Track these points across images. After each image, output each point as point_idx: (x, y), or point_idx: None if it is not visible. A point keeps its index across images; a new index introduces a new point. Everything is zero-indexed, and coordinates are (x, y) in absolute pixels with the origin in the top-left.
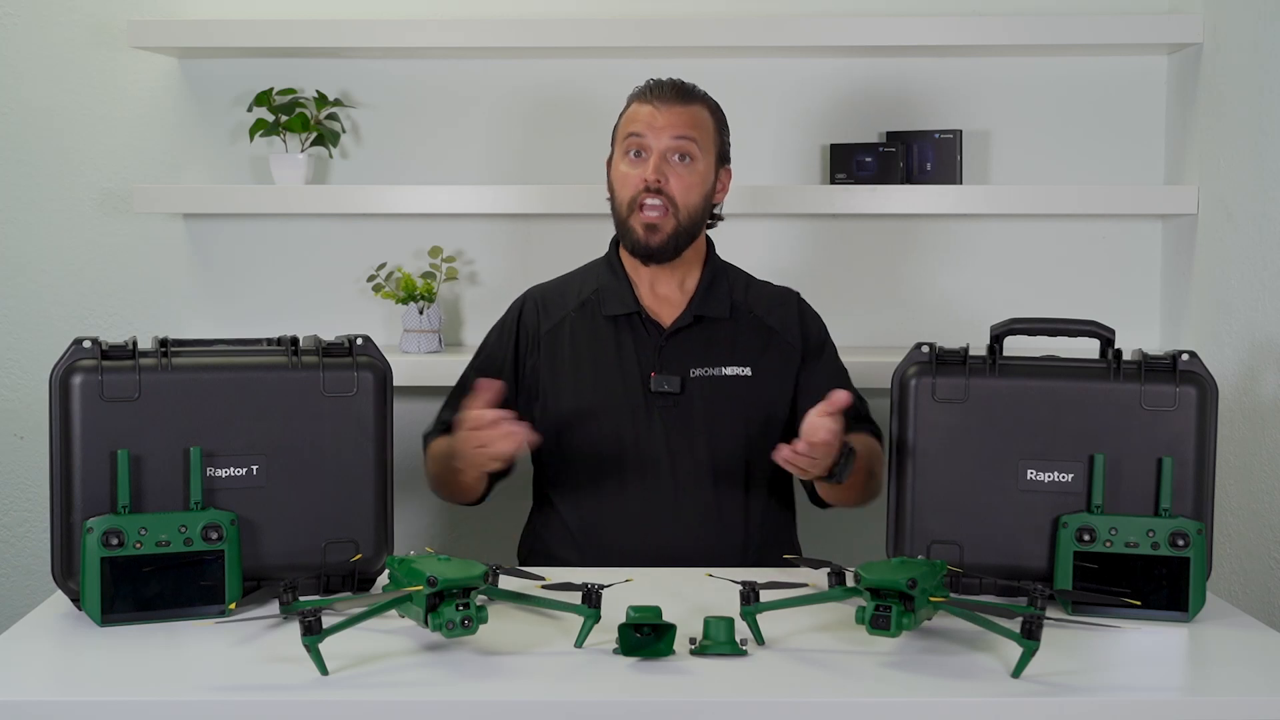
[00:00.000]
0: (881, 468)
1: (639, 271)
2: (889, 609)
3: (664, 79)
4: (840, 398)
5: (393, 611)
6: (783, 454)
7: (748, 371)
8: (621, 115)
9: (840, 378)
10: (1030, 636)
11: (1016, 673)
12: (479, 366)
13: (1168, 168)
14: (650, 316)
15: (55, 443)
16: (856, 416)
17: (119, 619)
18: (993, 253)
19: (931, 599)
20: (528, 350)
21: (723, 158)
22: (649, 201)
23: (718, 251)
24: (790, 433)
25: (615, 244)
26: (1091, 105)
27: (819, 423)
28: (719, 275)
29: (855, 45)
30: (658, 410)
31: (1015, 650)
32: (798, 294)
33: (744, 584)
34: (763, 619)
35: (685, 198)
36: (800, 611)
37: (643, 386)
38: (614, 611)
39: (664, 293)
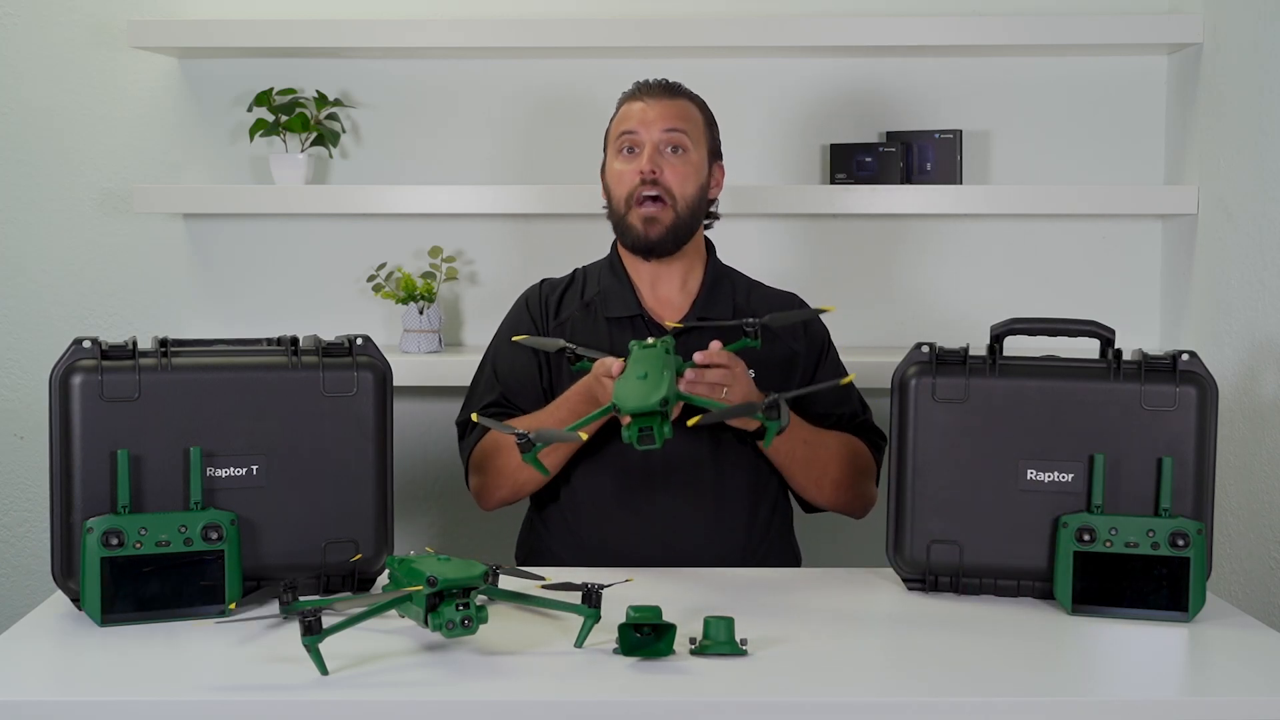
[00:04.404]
0: (862, 474)
1: (640, 272)
2: (651, 428)
3: (650, 79)
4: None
5: (393, 611)
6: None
7: (751, 374)
8: (612, 119)
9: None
10: (772, 416)
11: (767, 441)
12: (505, 360)
13: (1168, 168)
14: (652, 319)
15: (55, 443)
16: (860, 425)
17: (119, 619)
18: (993, 253)
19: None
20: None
21: (714, 153)
22: (646, 194)
23: (718, 253)
24: None
25: (615, 245)
26: (1091, 105)
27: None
28: (721, 278)
29: (855, 45)
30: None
31: (1016, 652)
32: (800, 299)
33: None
34: (763, 619)
35: (682, 188)
36: (800, 611)
37: None
38: (614, 611)
39: (666, 295)
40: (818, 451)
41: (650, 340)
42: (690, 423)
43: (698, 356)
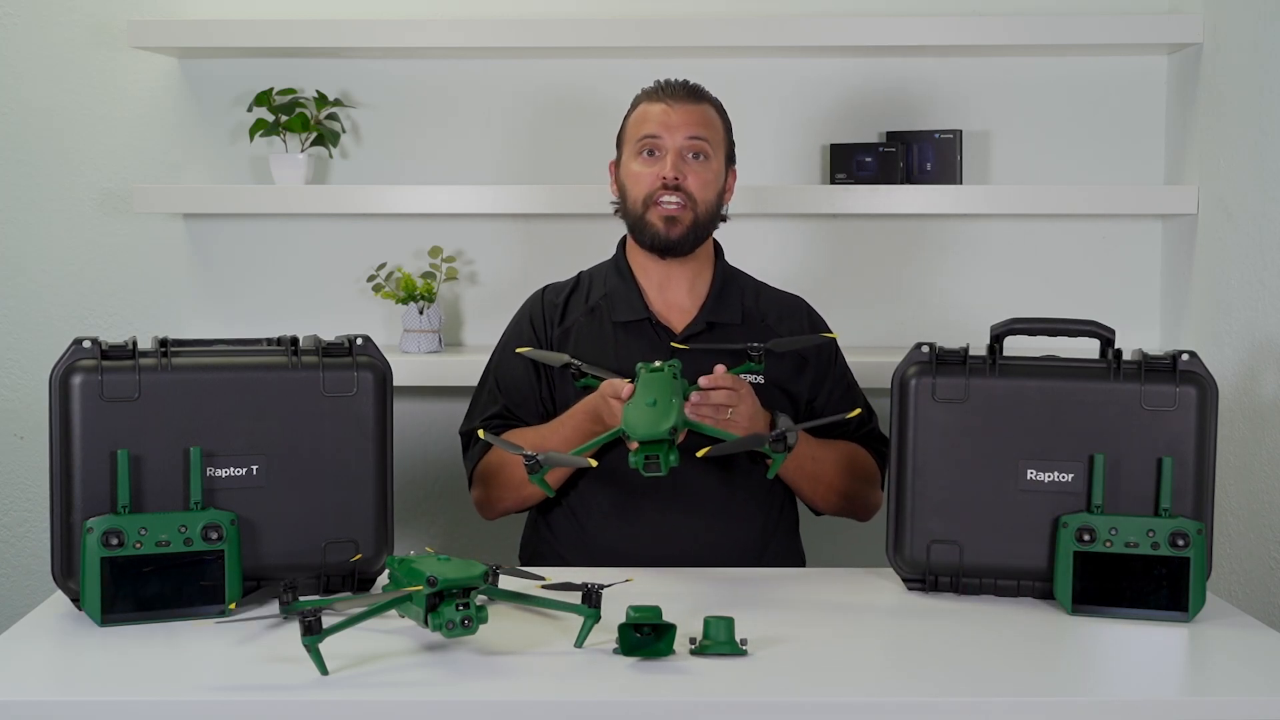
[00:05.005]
0: (866, 483)
1: (648, 275)
2: (657, 456)
3: (673, 80)
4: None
5: (393, 611)
6: (691, 399)
7: (759, 380)
8: (629, 117)
9: (851, 392)
10: (778, 449)
11: (771, 473)
12: (507, 372)
13: (1168, 168)
14: (660, 322)
15: (55, 443)
16: (868, 435)
17: (119, 619)
18: (993, 253)
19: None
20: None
21: (730, 158)
22: (666, 198)
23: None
24: None
25: (621, 247)
26: (1091, 105)
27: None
28: (729, 281)
29: (855, 45)
30: None
31: (1016, 652)
32: (807, 303)
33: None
34: (763, 619)
35: (703, 194)
36: (800, 612)
37: None
38: (614, 611)
39: (674, 298)
40: (823, 466)
41: (657, 364)
42: (700, 454)
43: (702, 381)
